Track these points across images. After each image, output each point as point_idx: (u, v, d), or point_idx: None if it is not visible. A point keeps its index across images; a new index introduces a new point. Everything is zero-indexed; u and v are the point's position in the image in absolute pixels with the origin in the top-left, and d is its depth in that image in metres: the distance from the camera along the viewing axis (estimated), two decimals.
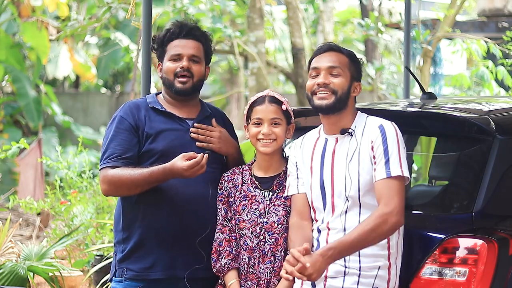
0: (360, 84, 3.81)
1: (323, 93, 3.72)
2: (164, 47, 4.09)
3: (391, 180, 3.60)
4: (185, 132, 4.04)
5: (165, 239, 3.94)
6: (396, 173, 3.60)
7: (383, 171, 3.61)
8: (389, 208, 3.56)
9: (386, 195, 3.58)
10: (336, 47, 3.81)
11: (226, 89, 18.52)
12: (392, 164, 3.61)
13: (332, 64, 3.74)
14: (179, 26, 4.08)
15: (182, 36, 4.06)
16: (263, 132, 3.88)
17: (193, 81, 4.05)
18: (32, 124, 14.91)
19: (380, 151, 3.64)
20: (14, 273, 5.76)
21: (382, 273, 3.65)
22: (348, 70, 3.76)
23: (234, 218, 3.94)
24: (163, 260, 3.95)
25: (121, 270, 4.01)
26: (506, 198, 3.86)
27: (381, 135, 3.66)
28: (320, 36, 13.70)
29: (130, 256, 3.99)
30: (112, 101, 18.01)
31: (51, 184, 9.32)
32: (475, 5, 13.52)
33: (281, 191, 3.91)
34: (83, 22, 9.65)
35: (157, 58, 4.16)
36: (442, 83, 10.29)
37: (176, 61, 4.04)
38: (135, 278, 3.98)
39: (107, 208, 7.34)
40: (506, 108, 4.41)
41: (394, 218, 3.55)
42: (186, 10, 10.31)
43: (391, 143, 3.64)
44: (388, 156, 3.62)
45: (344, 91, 3.72)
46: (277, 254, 3.86)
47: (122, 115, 4.03)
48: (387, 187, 3.59)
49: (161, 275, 3.96)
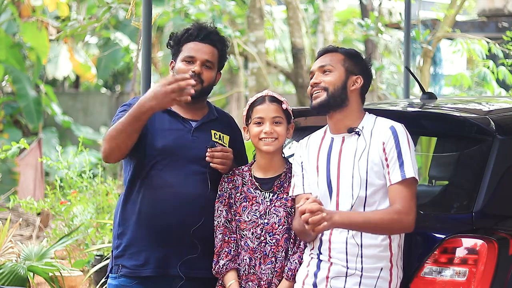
0: (360, 77, 3.78)
1: (316, 92, 3.76)
2: (180, 47, 4.06)
3: (406, 183, 3.62)
4: (187, 132, 4.03)
5: (159, 237, 3.94)
6: (410, 175, 3.63)
7: (398, 174, 3.63)
8: (406, 210, 3.59)
9: (402, 198, 3.61)
10: (332, 48, 3.84)
11: (226, 89, 18.51)
12: (406, 167, 3.63)
13: (322, 64, 3.78)
14: (198, 28, 4.05)
15: (200, 39, 4.03)
16: (265, 131, 3.88)
17: (202, 86, 4.02)
18: (31, 125, 14.91)
19: (393, 154, 3.65)
20: (14, 273, 5.77)
21: (384, 274, 3.66)
22: (341, 65, 3.76)
23: (234, 219, 3.94)
24: (155, 258, 3.95)
25: (116, 266, 4.02)
26: (506, 198, 3.86)
27: (393, 138, 3.67)
28: (320, 36, 13.71)
29: (125, 253, 3.99)
30: (112, 101, 18.02)
31: (51, 184, 9.33)
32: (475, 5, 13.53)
33: (281, 192, 3.91)
34: (83, 22, 9.65)
35: (172, 55, 4.13)
36: (442, 83, 10.30)
37: (189, 63, 4.01)
38: (128, 275, 3.98)
39: (107, 208, 7.35)
40: (506, 108, 4.41)
41: (408, 221, 3.59)
42: (186, 10, 10.31)
43: (404, 146, 3.66)
44: (402, 159, 3.64)
45: (336, 86, 3.73)
46: (278, 255, 3.85)
47: (128, 102, 4.03)
48: (402, 190, 3.62)
49: (153, 272, 3.95)
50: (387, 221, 3.57)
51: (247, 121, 3.97)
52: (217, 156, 3.96)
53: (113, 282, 4.03)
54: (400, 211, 3.58)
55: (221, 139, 4.08)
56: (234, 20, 13.44)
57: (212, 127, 4.08)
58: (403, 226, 3.61)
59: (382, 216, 3.58)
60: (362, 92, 3.81)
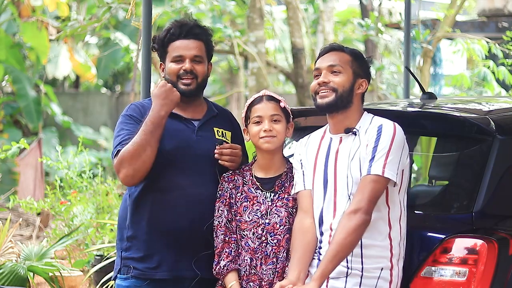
0: (365, 80, 3.80)
1: (324, 91, 3.75)
2: (165, 48, 4.06)
3: (370, 179, 3.59)
4: (191, 132, 4.02)
5: (172, 240, 3.93)
6: (375, 172, 3.59)
7: (365, 168, 3.62)
8: (354, 207, 3.57)
9: (359, 192, 3.59)
10: (338, 46, 3.83)
11: (226, 89, 18.52)
12: (375, 163, 3.60)
13: (332, 63, 3.76)
14: (179, 26, 4.05)
15: (183, 36, 4.03)
16: (264, 129, 3.88)
17: (197, 81, 4.03)
18: (31, 125, 14.91)
19: (370, 148, 3.65)
20: (14, 273, 5.76)
21: (385, 275, 3.65)
22: (350, 67, 3.76)
23: (235, 219, 3.94)
24: (168, 260, 3.95)
25: (126, 268, 4.00)
26: (506, 198, 3.86)
27: (376, 134, 3.66)
28: (320, 36, 13.70)
29: (135, 255, 3.98)
30: (112, 101, 18.02)
31: (51, 184, 9.32)
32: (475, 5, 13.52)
33: (283, 192, 3.91)
34: (83, 22, 9.65)
35: (159, 58, 4.14)
36: (442, 83, 10.29)
37: (178, 62, 4.02)
38: (140, 276, 3.97)
39: (107, 208, 7.34)
40: (506, 108, 4.41)
41: (359, 217, 3.55)
42: (186, 10, 10.31)
43: (382, 143, 3.63)
44: (374, 154, 3.62)
45: (345, 88, 3.74)
46: (279, 255, 3.85)
47: (130, 113, 4.02)
48: (362, 185, 3.60)
49: (167, 275, 3.95)
50: (354, 234, 3.55)
51: (246, 122, 3.97)
52: (226, 153, 3.97)
53: (123, 283, 4.01)
54: (348, 212, 3.56)
55: (223, 136, 4.08)
56: (234, 20, 13.44)
57: (214, 125, 4.08)
58: (357, 223, 3.54)
59: (345, 236, 3.54)
60: (364, 94, 3.84)
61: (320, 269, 3.55)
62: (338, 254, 3.56)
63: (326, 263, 3.55)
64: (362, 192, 3.59)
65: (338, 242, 3.55)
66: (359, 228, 3.56)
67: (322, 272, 3.54)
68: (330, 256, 3.55)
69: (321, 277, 3.54)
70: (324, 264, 3.55)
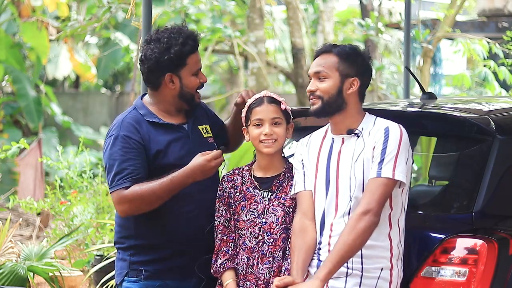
0: (356, 79, 3.75)
1: (312, 99, 3.77)
2: (184, 60, 3.99)
3: (379, 182, 3.59)
4: (186, 138, 4.04)
5: (184, 247, 3.96)
6: (386, 175, 3.59)
7: (374, 171, 3.61)
8: (364, 208, 3.56)
9: (368, 194, 3.59)
10: (327, 48, 3.79)
11: (226, 89, 18.51)
12: (385, 166, 3.60)
13: (317, 69, 3.76)
14: (192, 38, 4.00)
15: (197, 49, 4.04)
16: (265, 133, 3.88)
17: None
18: (32, 125, 14.91)
19: (378, 151, 3.64)
20: (14, 273, 5.76)
21: (385, 275, 3.65)
22: (336, 70, 3.73)
23: (233, 219, 3.94)
24: (179, 266, 3.97)
25: (135, 271, 4.00)
26: (506, 198, 3.86)
27: (384, 137, 3.65)
28: (320, 36, 13.70)
29: (145, 259, 3.99)
30: (112, 101, 18.02)
31: (51, 184, 9.31)
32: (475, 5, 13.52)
33: (280, 192, 3.91)
34: (83, 22, 9.66)
35: (169, 67, 3.99)
36: (442, 83, 10.30)
37: (197, 76, 4.04)
38: (150, 278, 3.99)
39: (107, 208, 7.34)
40: (506, 108, 4.41)
41: (369, 218, 3.55)
42: (186, 10, 10.31)
43: (391, 146, 3.63)
44: (384, 157, 3.61)
45: (331, 94, 3.72)
46: (275, 255, 3.86)
47: (126, 134, 3.94)
48: (372, 187, 3.59)
49: (178, 278, 3.99)
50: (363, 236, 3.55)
51: (246, 122, 3.97)
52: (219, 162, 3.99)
53: (132, 286, 4.02)
54: (357, 213, 3.56)
55: (207, 131, 4.14)
56: (234, 20, 13.44)
57: (198, 123, 4.12)
58: (366, 225, 3.55)
59: (355, 237, 3.54)
60: (360, 92, 3.79)
61: (326, 268, 3.53)
62: (346, 255, 3.55)
63: (333, 263, 3.54)
64: (372, 194, 3.58)
65: (347, 243, 3.55)
66: (369, 230, 3.56)
67: (329, 272, 3.53)
68: (338, 256, 3.54)
69: (327, 276, 3.53)
70: (331, 264, 3.53)
